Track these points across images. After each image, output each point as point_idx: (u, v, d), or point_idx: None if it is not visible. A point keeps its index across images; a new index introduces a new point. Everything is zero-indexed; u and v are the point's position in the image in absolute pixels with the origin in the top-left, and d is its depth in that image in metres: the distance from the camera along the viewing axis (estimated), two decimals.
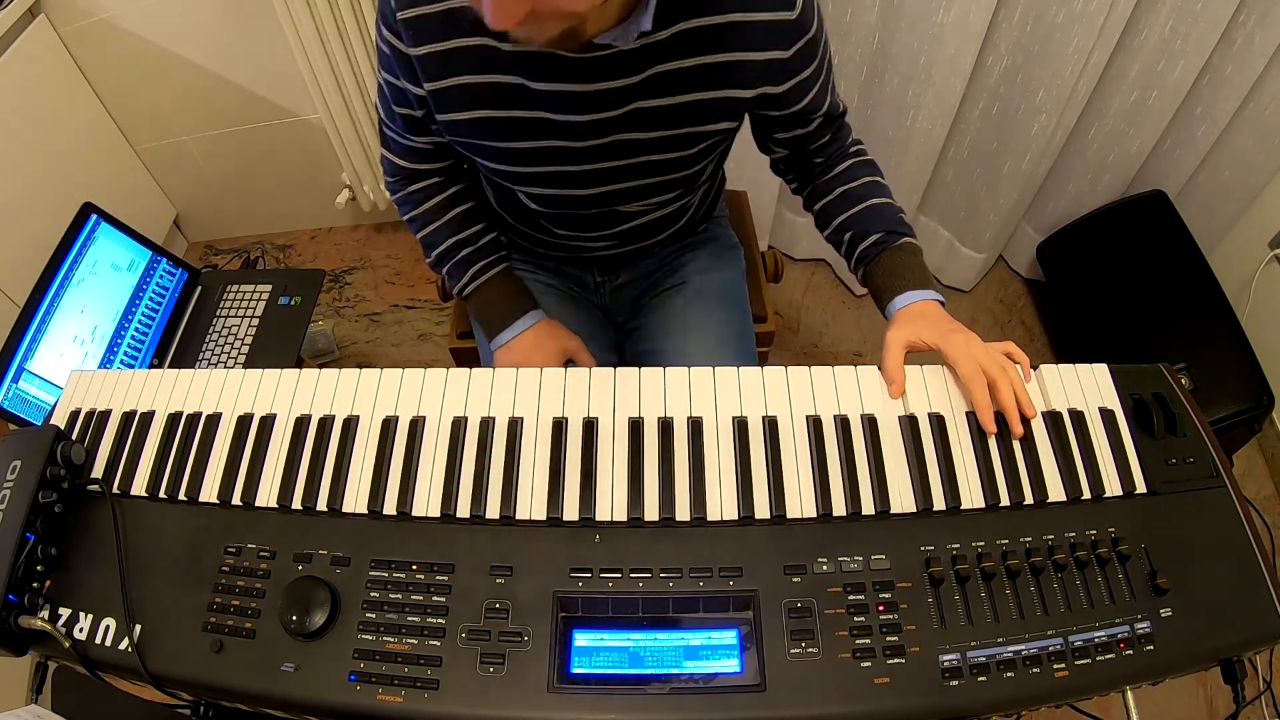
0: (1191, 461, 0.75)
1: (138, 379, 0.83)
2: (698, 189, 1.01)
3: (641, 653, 0.63)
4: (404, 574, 0.67)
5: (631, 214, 0.96)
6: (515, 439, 0.75)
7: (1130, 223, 1.71)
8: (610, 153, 0.83)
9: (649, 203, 0.94)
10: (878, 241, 0.90)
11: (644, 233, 1.01)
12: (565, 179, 0.87)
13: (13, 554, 0.66)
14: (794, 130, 0.91)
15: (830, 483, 0.72)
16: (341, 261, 2.18)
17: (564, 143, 0.82)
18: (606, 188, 0.88)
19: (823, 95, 0.87)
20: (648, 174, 0.87)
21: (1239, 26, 1.40)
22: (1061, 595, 0.66)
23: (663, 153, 0.84)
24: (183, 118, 1.91)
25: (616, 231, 0.99)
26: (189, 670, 0.65)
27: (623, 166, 0.85)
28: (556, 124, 0.80)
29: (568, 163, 0.85)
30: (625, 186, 0.88)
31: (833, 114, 0.91)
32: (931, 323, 0.82)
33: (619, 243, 1.02)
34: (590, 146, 0.82)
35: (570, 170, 0.86)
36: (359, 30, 1.63)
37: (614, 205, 0.93)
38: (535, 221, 1.00)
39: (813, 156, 0.95)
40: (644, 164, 0.85)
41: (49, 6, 1.67)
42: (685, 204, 1.01)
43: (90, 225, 1.40)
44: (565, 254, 1.06)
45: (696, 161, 0.88)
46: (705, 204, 1.09)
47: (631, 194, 0.90)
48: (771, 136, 0.94)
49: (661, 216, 0.99)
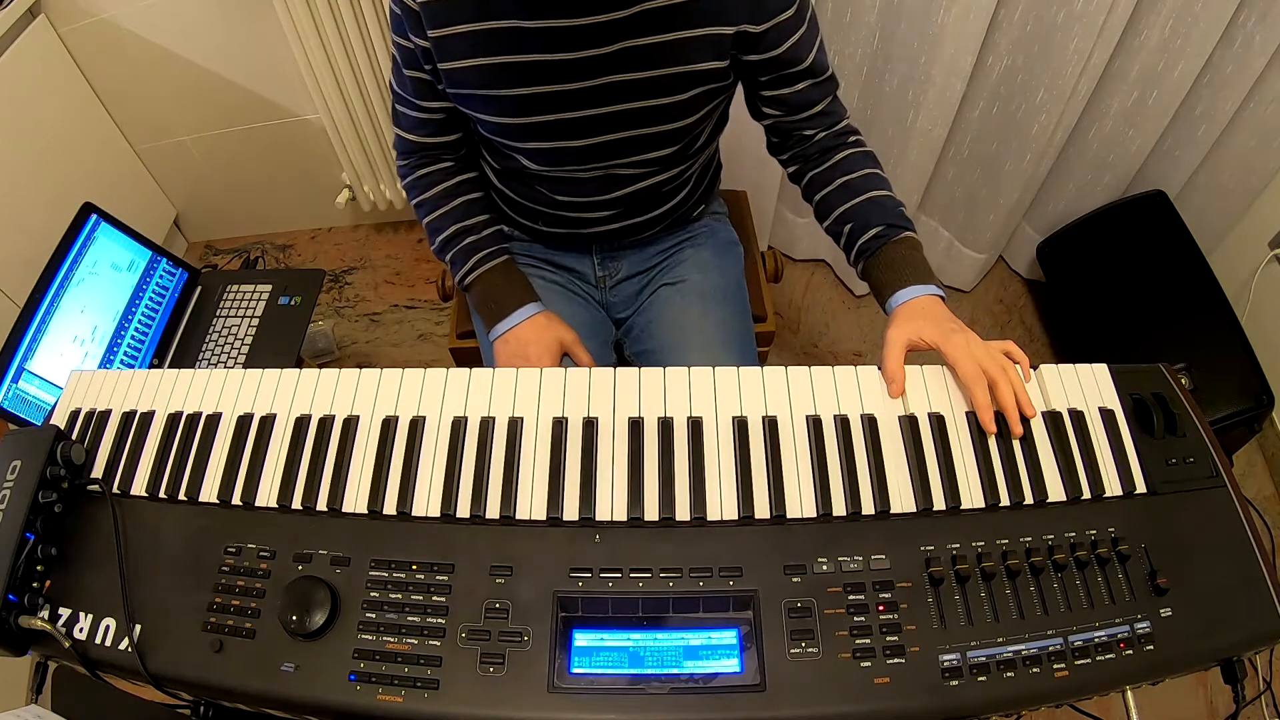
0: (1191, 461, 0.75)
1: (138, 379, 0.83)
2: (692, 157, 1.01)
3: (641, 653, 0.63)
4: (404, 574, 0.67)
5: (629, 177, 0.97)
6: (515, 439, 0.75)
7: (1130, 223, 1.71)
8: (604, 96, 0.86)
9: (645, 158, 0.94)
10: (878, 235, 0.90)
11: (642, 203, 1.02)
12: (562, 129, 0.89)
13: (13, 554, 0.66)
14: (780, 89, 0.91)
15: (830, 483, 0.72)
16: (341, 261, 2.18)
17: (559, 86, 0.85)
18: (602, 137, 0.90)
19: (805, 47, 0.88)
20: (642, 122, 0.89)
21: (1239, 26, 1.40)
22: (1061, 595, 0.66)
23: (655, 97, 0.86)
24: (183, 118, 1.91)
25: (615, 197, 0.99)
26: (189, 670, 0.65)
27: (617, 113, 0.87)
28: (551, 65, 0.83)
29: (563, 109, 0.87)
30: (621, 137, 0.90)
31: (818, 74, 0.91)
32: (932, 321, 0.82)
33: (618, 213, 1.02)
34: (584, 89, 0.85)
35: (566, 119, 0.88)
36: (359, 30, 1.63)
37: (611, 160, 0.93)
38: (536, 192, 1.01)
39: (803, 127, 0.95)
40: (638, 110, 0.87)
41: (49, 6, 1.67)
42: (682, 174, 1.02)
43: (90, 225, 1.39)
44: (566, 230, 1.06)
45: (689, 111, 0.89)
46: (702, 185, 1.10)
47: (627, 146, 0.91)
48: (759, 94, 0.94)
49: (658, 185, 1.00)
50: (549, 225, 1.06)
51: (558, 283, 1.11)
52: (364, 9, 1.59)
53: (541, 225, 1.07)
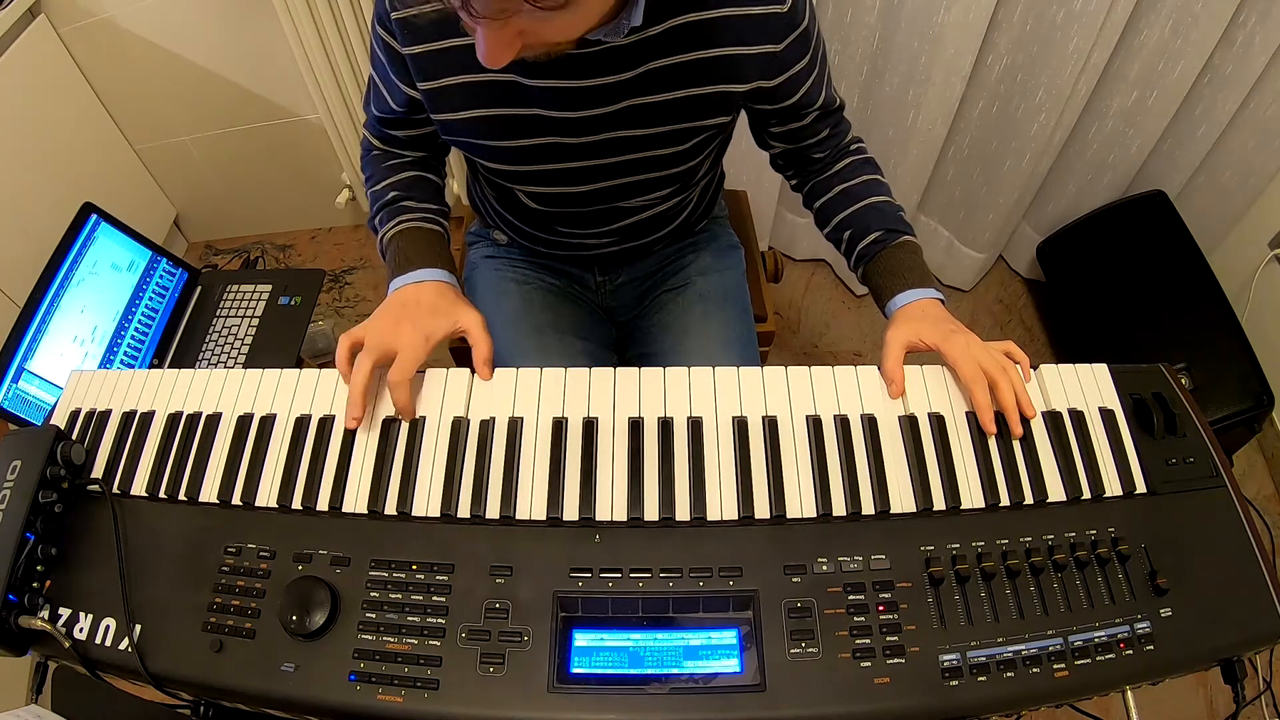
0: (1191, 461, 0.75)
1: (138, 379, 0.83)
2: (695, 184, 1.01)
3: (641, 653, 0.63)
4: (404, 574, 0.67)
5: (631, 210, 0.96)
6: (515, 439, 0.75)
7: (1130, 223, 1.71)
8: (606, 150, 0.84)
9: (647, 199, 0.94)
10: (877, 240, 0.90)
11: (644, 229, 1.01)
12: (563, 176, 0.87)
13: (13, 554, 0.66)
14: (789, 124, 0.91)
15: (830, 483, 0.72)
16: (341, 261, 2.18)
17: (560, 139, 0.82)
18: (604, 184, 0.89)
19: (817, 90, 0.87)
20: (645, 170, 0.87)
21: (1239, 26, 1.40)
22: (1061, 595, 0.66)
23: (659, 149, 0.84)
24: (183, 118, 1.91)
25: (616, 228, 0.99)
26: (189, 670, 0.65)
27: (619, 163, 0.85)
28: (552, 121, 0.80)
29: (565, 160, 0.85)
30: (623, 182, 0.89)
31: (829, 108, 0.91)
32: (932, 322, 0.82)
33: (619, 239, 1.02)
34: (586, 143, 0.82)
35: (568, 168, 0.86)
36: (359, 30, 1.63)
37: (613, 202, 0.93)
38: (536, 220, 1.00)
39: (810, 151, 0.95)
40: (640, 160, 0.85)
41: (49, 6, 1.67)
42: (684, 200, 1.01)
43: (90, 225, 1.39)
44: (567, 253, 1.06)
45: (693, 156, 0.88)
46: (704, 201, 1.10)
47: (629, 190, 0.90)
48: (767, 130, 0.94)
49: (661, 213, 0.99)
50: (549, 248, 1.06)
51: (556, 285, 1.11)
52: (364, 9, 1.60)
53: (541, 248, 1.06)
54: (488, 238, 1.15)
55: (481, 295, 1.11)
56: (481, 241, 1.16)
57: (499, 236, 1.12)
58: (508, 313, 1.07)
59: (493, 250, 1.13)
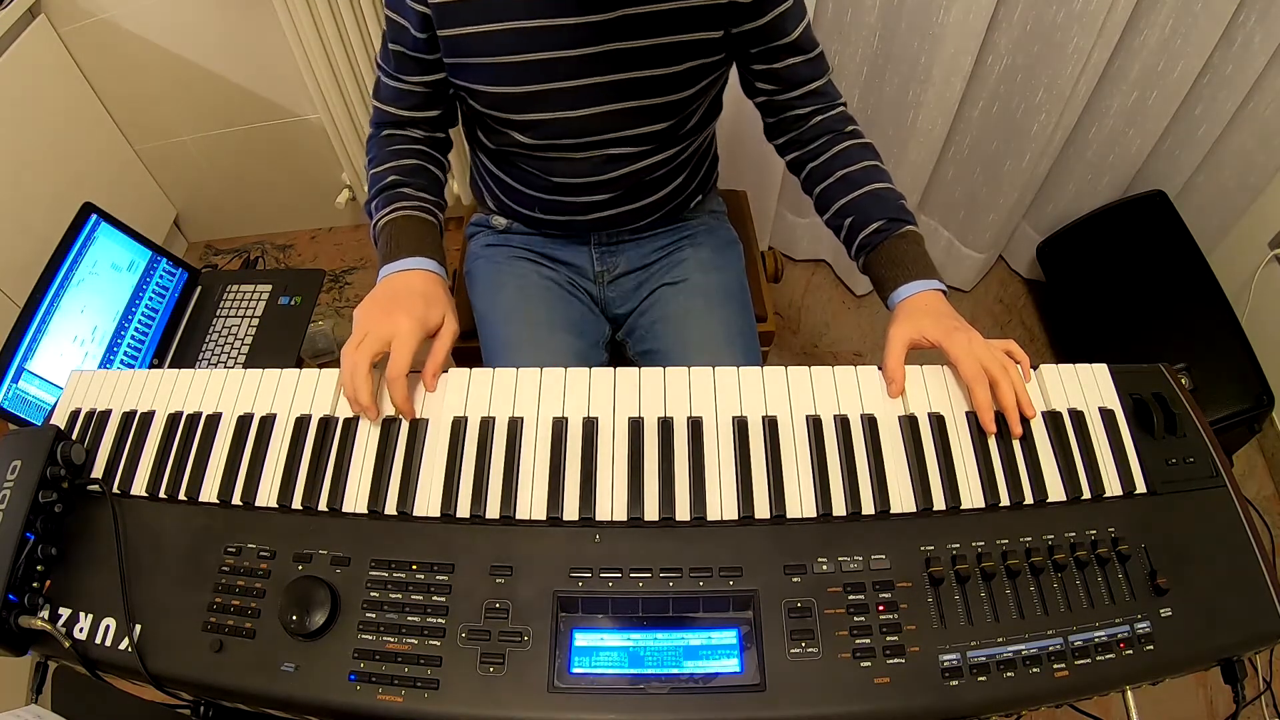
0: (1191, 461, 0.75)
1: (138, 379, 0.83)
2: (686, 138, 1.01)
3: (641, 652, 0.63)
4: (404, 574, 0.67)
5: (624, 157, 0.97)
6: (515, 439, 0.75)
7: (1130, 223, 1.71)
8: (600, 65, 0.87)
9: (639, 133, 0.95)
10: (879, 230, 0.90)
11: (638, 187, 1.02)
12: (558, 98, 0.90)
13: (13, 554, 0.66)
14: (771, 64, 0.93)
15: (830, 483, 0.72)
16: (341, 261, 2.18)
17: (556, 53, 0.86)
18: (598, 108, 0.91)
19: (792, 20, 0.90)
20: (637, 93, 0.90)
21: (1239, 26, 1.40)
22: (1061, 595, 0.66)
23: (650, 68, 0.87)
24: (183, 118, 1.91)
25: (610, 179, 0.99)
26: (189, 670, 0.65)
27: (612, 84, 0.88)
28: (550, 31, 0.84)
29: (561, 77, 0.88)
30: (616, 108, 0.91)
31: (805, 49, 0.93)
32: (934, 318, 0.82)
33: (614, 196, 1.02)
34: (581, 56, 0.86)
35: (562, 87, 0.89)
36: (359, 30, 1.63)
37: (606, 133, 0.94)
38: (530, 175, 1.01)
39: (795, 106, 0.96)
40: (633, 81, 0.88)
41: (49, 6, 1.67)
42: (675, 156, 1.02)
43: (90, 225, 1.39)
44: (563, 216, 1.06)
45: (684, 85, 0.91)
46: (698, 177, 1.10)
47: (622, 118, 0.92)
48: (750, 69, 0.95)
49: (654, 167, 1.00)
50: (545, 212, 1.06)
51: (554, 278, 1.11)
52: (364, 9, 1.60)
53: (538, 212, 1.07)
54: (487, 224, 1.15)
55: (480, 287, 1.12)
56: (482, 231, 1.16)
57: (498, 221, 1.13)
58: (503, 306, 1.08)
59: (493, 239, 1.14)
